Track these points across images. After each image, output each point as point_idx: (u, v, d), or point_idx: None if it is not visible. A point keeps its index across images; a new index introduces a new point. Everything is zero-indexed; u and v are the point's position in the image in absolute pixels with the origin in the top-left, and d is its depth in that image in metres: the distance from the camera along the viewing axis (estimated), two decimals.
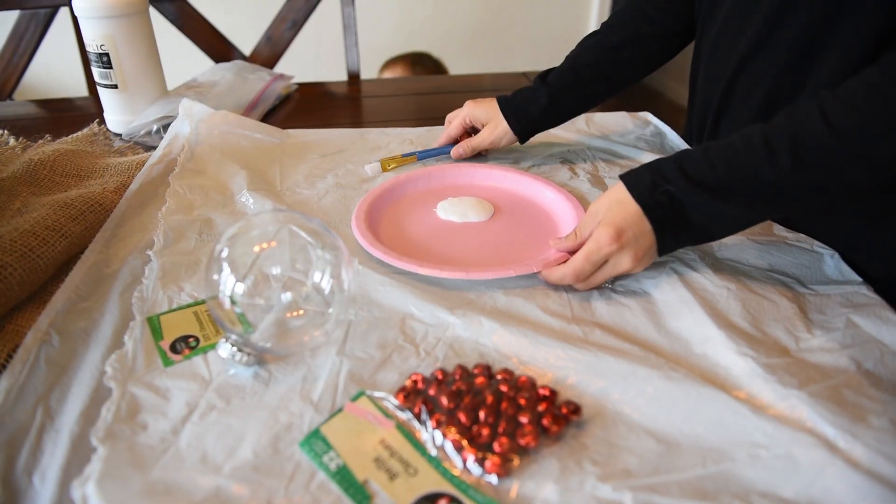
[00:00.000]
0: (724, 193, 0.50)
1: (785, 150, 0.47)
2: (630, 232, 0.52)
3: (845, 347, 0.49)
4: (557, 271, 0.55)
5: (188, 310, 0.55)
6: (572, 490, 0.38)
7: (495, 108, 0.79)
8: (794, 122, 0.48)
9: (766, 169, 0.48)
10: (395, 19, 2.40)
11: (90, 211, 0.62)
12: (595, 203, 0.56)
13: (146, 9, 0.84)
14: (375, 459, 0.40)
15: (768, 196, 0.49)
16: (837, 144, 0.46)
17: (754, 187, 0.49)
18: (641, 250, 0.53)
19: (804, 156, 0.47)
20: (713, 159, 0.50)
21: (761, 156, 0.48)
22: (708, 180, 0.50)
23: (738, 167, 0.49)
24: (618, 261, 0.53)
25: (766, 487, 0.39)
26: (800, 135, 0.47)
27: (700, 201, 0.51)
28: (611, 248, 0.52)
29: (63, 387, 0.46)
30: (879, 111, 0.45)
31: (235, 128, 0.85)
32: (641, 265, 0.54)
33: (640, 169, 0.54)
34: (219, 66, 1.05)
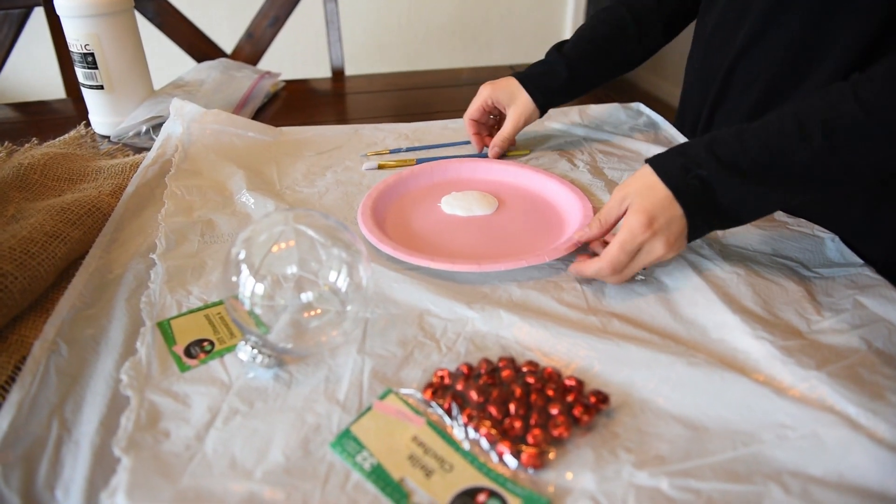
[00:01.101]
0: (757, 177, 0.49)
1: (818, 131, 0.47)
2: (662, 218, 0.51)
3: (855, 328, 0.51)
4: (592, 265, 0.54)
5: (199, 313, 0.54)
6: (609, 478, 0.38)
7: (515, 84, 0.77)
8: (827, 104, 0.48)
9: (800, 151, 0.48)
10: (373, 15, 2.38)
11: (88, 215, 0.61)
12: (621, 188, 0.55)
13: (131, 7, 0.82)
14: (410, 457, 0.40)
15: (801, 178, 0.49)
16: (871, 125, 0.46)
17: (787, 169, 0.49)
18: (673, 236, 0.52)
19: (838, 137, 0.47)
20: (746, 142, 0.50)
21: (794, 138, 0.48)
22: (740, 163, 0.50)
23: (771, 149, 0.49)
24: (651, 248, 0.52)
25: (795, 467, 0.39)
26: (833, 116, 0.47)
27: (732, 184, 0.50)
28: (644, 236, 0.51)
29: (77, 397, 0.45)
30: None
31: (228, 126, 0.83)
32: (673, 251, 0.53)
33: (669, 153, 0.53)
34: (204, 65, 1.03)
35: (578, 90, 0.80)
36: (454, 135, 0.89)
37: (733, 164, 0.50)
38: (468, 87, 1.15)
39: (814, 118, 0.48)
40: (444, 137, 0.88)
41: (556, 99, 0.79)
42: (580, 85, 0.79)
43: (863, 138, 0.47)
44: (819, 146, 0.47)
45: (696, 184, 0.51)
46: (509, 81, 0.78)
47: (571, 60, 0.77)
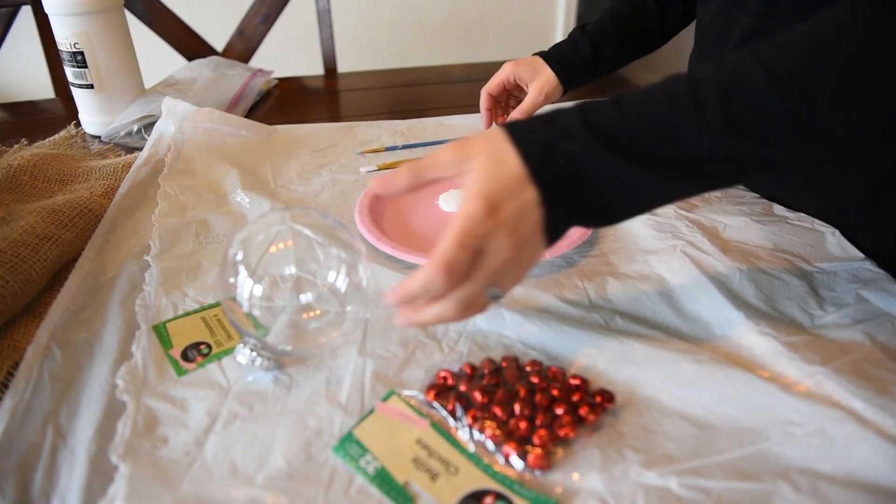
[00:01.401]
0: (636, 155, 0.39)
1: (715, 101, 0.38)
2: (510, 205, 0.38)
3: (858, 322, 0.50)
4: (416, 277, 0.39)
5: (195, 315, 0.53)
6: (618, 479, 0.38)
7: (538, 62, 0.77)
8: (727, 70, 0.39)
9: (691, 123, 0.38)
10: (364, 11, 2.37)
11: (80, 217, 0.59)
12: (461, 145, 0.41)
13: (120, 4, 0.81)
14: (414, 460, 0.39)
15: (685, 161, 0.39)
16: (776, 97, 0.38)
17: (672, 147, 0.39)
18: (524, 231, 0.39)
19: (737, 109, 0.38)
20: (627, 109, 0.39)
21: (686, 107, 0.38)
22: (619, 135, 0.39)
23: (657, 121, 0.39)
24: (498, 245, 0.39)
25: (804, 464, 0.39)
26: (734, 83, 0.38)
27: (606, 164, 0.39)
28: (485, 226, 0.38)
29: (71, 403, 0.44)
30: (823, 62, 0.38)
31: (221, 125, 0.82)
32: (524, 255, 0.40)
33: (533, 120, 0.41)
34: (196, 63, 1.01)
35: (601, 69, 0.79)
36: (450, 132, 0.88)
37: (610, 136, 0.39)
38: (461, 84, 1.14)
39: (711, 84, 0.39)
40: (439, 134, 0.87)
41: (579, 77, 0.78)
42: (603, 64, 0.78)
43: (764, 111, 0.38)
44: (714, 119, 0.38)
45: (561, 162, 0.39)
46: (534, 59, 0.78)
47: (594, 39, 0.77)
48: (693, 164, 0.40)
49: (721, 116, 0.38)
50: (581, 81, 0.79)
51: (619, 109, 0.39)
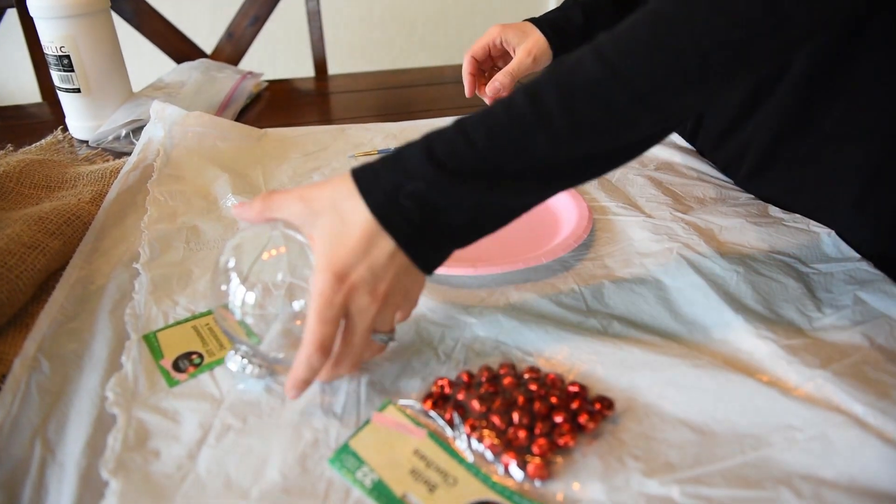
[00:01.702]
0: (490, 178, 0.38)
1: (556, 105, 0.37)
2: (360, 268, 0.39)
3: (856, 324, 0.50)
4: (297, 361, 0.40)
5: (186, 324, 0.52)
6: (619, 488, 0.37)
7: (528, 26, 0.72)
8: (564, 69, 0.38)
9: (538, 135, 0.38)
10: (354, 12, 2.36)
11: (67, 224, 0.58)
12: (306, 206, 0.41)
13: (107, 7, 0.79)
14: (412, 471, 0.38)
15: (545, 171, 0.39)
16: (618, 88, 0.37)
17: (526, 162, 0.38)
18: (384, 284, 0.39)
19: (581, 108, 0.37)
20: (469, 133, 0.38)
21: (529, 119, 0.38)
22: (465, 164, 0.38)
23: (503, 138, 0.38)
24: (358, 307, 0.39)
25: (806, 470, 0.38)
26: (572, 82, 0.37)
27: (458, 194, 0.38)
28: (341, 295, 0.39)
29: (60, 416, 0.43)
30: (663, 44, 0.37)
31: (210, 129, 0.81)
32: (392, 300, 0.41)
33: (378, 163, 0.40)
34: (185, 66, 1.00)
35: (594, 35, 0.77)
36: None
37: (457, 167, 0.38)
38: (453, 85, 1.13)
39: (548, 88, 0.38)
40: None
41: (570, 44, 0.72)
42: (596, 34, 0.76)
43: (610, 105, 0.38)
44: (560, 124, 0.38)
45: (411, 206, 0.38)
46: (523, 23, 0.73)
47: (587, 9, 0.73)
48: (555, 170, 0.40)
49: (567, 121, 0.38)
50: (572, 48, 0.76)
51: (464, 136, 0.38)
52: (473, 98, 1.05)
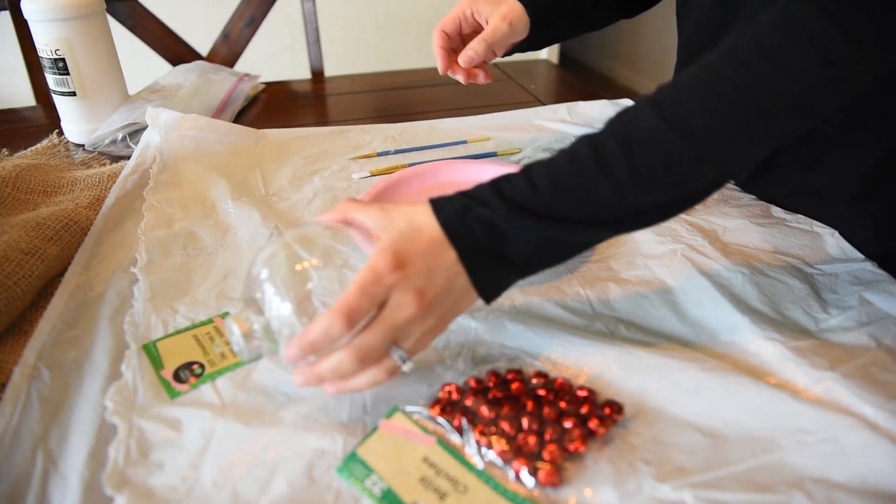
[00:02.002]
0: (553, 219, 0.40)
1: (617, 155, 0.39)
2: (419, 263, 0.39)
3: (863, 325, 0.50)
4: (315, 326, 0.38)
5: (186, 333, 0.51)
6: (631, 493, 0.37)
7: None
8: (624, 122, 0.40)
9: (600, 183, 0.39)
10: (350, 13, 2.35)
11: (65, 230, 0.58)
12: (383, 216, 0.42)
13: (103, 9, 0.79)
14: (421, 479, 0.38)
15: (608, 218, 0.41)
16: (679, 142, 0.39)
17: (588, 209, 0.40)
18: (433, 289, 0.40)
19: (641, 159, 0.39)
20: (534, 178, 0.41)
21: (591, 167, 0.40)
22: (530, 203, 0.40)
23: (565, 184, 0.40)
24: (400, 301, 0.39)
25: (818, 473, 0.38)
26: (632, 135, 0.39)
27: (524, 226, 0.40)
28: (391, 279, 0.39)
29: (62, 426, 0.42)
30: (726, 99, 0.38)
31: (208, 132, 0.80)
32: (430, 315, 0.40)
33: (454, 194, 0.43)
34: (181, 68, 0.99)
35: (571, 18, 0.69)
36: (443, 135, 0.87)
37: (524, 205, 0.40)
38: (451, 87, 1.13)
39: (610, 141, 0.40)
40: (432, 138, 0.86)
41: (547, 13, 0.66)
42: (570, 9, 0.69)
43: (670, 156, 0.39)
44: (622, 174, 0.39)
45: (477, 225, 0.40)
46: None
47: None
48: (615, 219, 0.41)
49: (629, 172, 0.39)
50: (548, 23, 0.67)
51: (528, 181, 0.41)
52: (471, 95, 1.04)
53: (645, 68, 3.23)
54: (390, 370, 0.41)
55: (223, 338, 0.50)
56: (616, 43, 3.44)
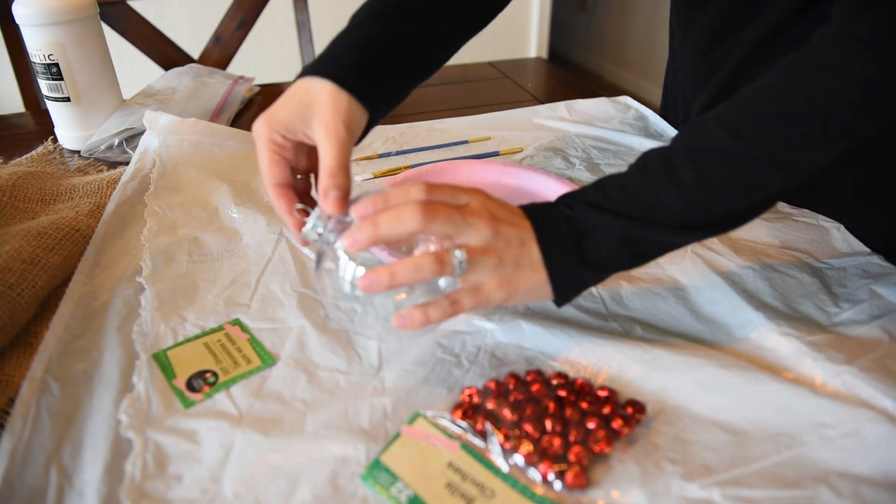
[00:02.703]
0: (630, 217, 0.42)
1: (685, 164, 0.41)
2: (501, 209, 0.42)
3: (874, 318, 0.50)
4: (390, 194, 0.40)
5: (197, 341, 0.50)
6: (660, 493, 0.37)
7: (301, 88, 0.46)
8: (690, 135, 0.43)
9: (670, 190, 0.41)
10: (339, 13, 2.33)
11: (67, 238, 0.56)
12: None
13: (96, 13, 0.77)
14: (447, 485, 0.37)
15: (683, 223, 0.42)
16: (743, 151, 0.41)
17: (659, 215, 0.42)
18: (505, 227, 0.41)
19: (709, 170, 0.41)
20: (606, 188, 0.43)
21: (660, 176, 0.42)
22: (605, 206, 0.43)
23: (637, 193, 0.42)
24: (474, 204, 0.42)
25: (841, 467, 0.38)
26: (698, 146, 0.42)
27: (602, 222, 0.42)
28: (472, 194, 0.42)
29: (74, 441, 0.41)
30: (786, 109, 0.40)
31: (206, 136, 0.79)
32: (496, 244, 0.41)
33: (537, 202, 0.45)
34: (174, 72, 0.98)
35: (408, 61, 0.51)
36: (443, 135, 0.86)
37: (598, 206, 0.42)
38: (449, 86, 1.12)
39: (678, 152, 0.42)
40: (432, 139, 0.85)
41: (377, 77, 0.47)
42: (405, 50, 0.50)
43: (736, 162, 0.41)
44: (690, 179, 0.41)
45: (561, 219, 0.43)
46: (292, 90, 0.47)
47: (384, 21, 0.49)
48: (689, 225, 0.43)
49: (697, 178, 0.41)
50: (387, 84, 0.50)
51: (601, 191, 0.43)
52: (468, 95, 1.04)
53: (632, 64, 3.24)
54: (444, 263, 0.40)
55: (235, 345, 0.50)
56: (603, 39, 3.46)
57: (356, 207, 0.41)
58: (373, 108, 0.48)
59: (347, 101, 0.45)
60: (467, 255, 0.41)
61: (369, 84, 0.47)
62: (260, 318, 0.52)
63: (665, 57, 0.82)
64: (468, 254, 0.41)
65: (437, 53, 0.56)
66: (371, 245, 0.40)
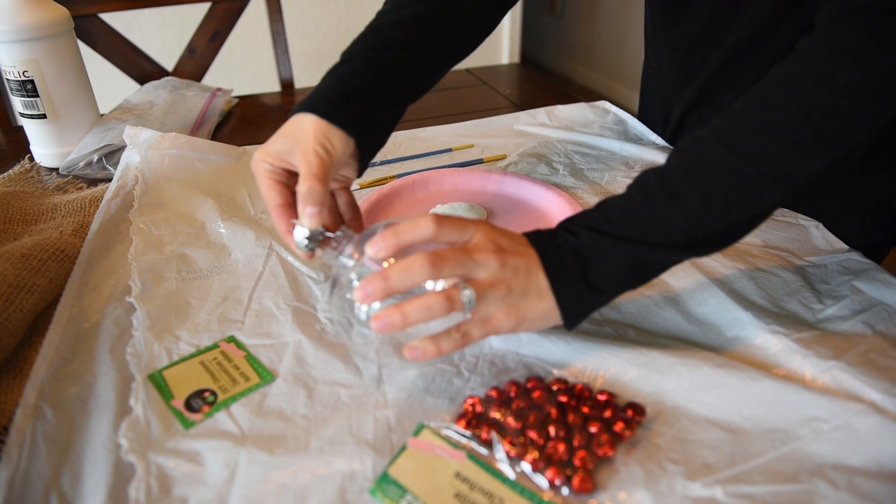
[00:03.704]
0: (633, 241, 0.43)
1: (685, 185, 0.42)
2: (506, 238, 0.44)
3: (857, 313, 0.52)
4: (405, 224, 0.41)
5: (193, 360, 0.49)
6: (664, 494, 0.38)
7: (296, 122, 0.50)
8: (687, 154, 0.44)
9: (671, 210, 0.42)
10: (311, 22, 2.33)
11: (52, 259, 0.55)
12: None
13: (71, 28, 0.76)
14: (456, 495, 0.38)
15: (684, 242, 0.43)
16: (739, 165, 0.42)
17: (665, 234, 0.43)
18: (511, 256, 0.43)
19: (707, 186, 0.42)
20: (609, 213, 0.44)
21: (660, 198, 0.43)
22: (608, 230, 0.44)
23: (639, 216, 0.43)
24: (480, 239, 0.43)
25: (835, 460, 0.40)
26: (696, 164, 0.43)
27: (605, 248, 0.43)
28: (477, 226, 0.43)
29: (73, 467, 0.40)
30: (777, 121, 0.41)
31: (188, 151, 0.78)
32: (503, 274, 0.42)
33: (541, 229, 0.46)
34: (150, 85, 0.97)
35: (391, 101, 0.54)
36: (426, 144, 0.87)
37: (600, 229, 0.44)
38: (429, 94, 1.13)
39: (677, 173, 0.43)
40: (416, 147, 0.86)
41: (369, 118, 0.51)
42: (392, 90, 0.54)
43: (734, 179, 0.42)
44: (692, 199, 0.42)
45: (565, 248, 0.44)
46: (283, 126, 0.52)
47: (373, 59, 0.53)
48: (691, 242, 0.43)
49: (697, 196, 0.42)
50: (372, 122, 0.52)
51: (603, 214, 0.44)
52: (449, 103, 1.04)
53: (602, 66, 3.29)
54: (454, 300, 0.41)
55: (232, 363, 0.49)
56: (572, 42, 3.50)
57: (370, 245, 0.43)
58: (358, 135, 0.51)
59: (327, 129, 0.49)
60: (476, 290, 0.42)
61: (350, 113, 0.50)
62: (255, 335, 0.52)
63: (634, 58, 0.84)
64: (477, 287, 0.42)
65: (422, 80, 0.59)
66: (382, 298, 0.41)
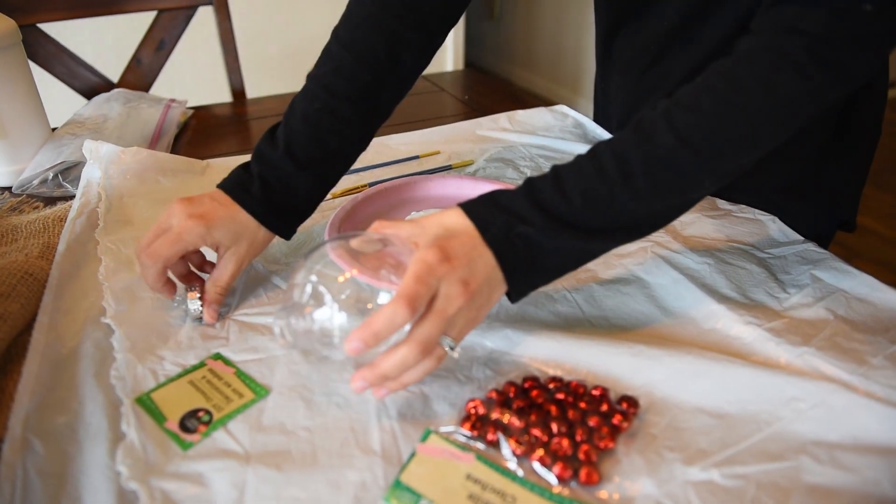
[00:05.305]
0: (585, 229, 0.45)
1: (640, 171, 0.44)
2: (463, 257, 0.43)
3: (818, 300, 0.56)
4: (381, 315, 0.39)
5: (181, 380, 0.48)
6: (666, 480, 0.40)
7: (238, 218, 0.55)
8: (644, 138, 0.45)
9: (624, 195, 0.44)
10: (256, 28, 2.28)
11: (21, 283, 0.53)
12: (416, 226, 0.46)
13: (19, 40, 0.72)
14: (470, 497, 0.38)
15: (626, 225, 0.46)
16: (689, 157, 0.44)
17: (612, 218, 0.45)
18: (476, 281, 0.43)
19: (659, 174, 0.44)
20: (567, 192, 0.45)
21: (617, 182, 0.44)
22: (566, 217, 0.44)
23: (595, 198, 0.44)
24: (450, 291, 0.41)
25: (815, 436, 0.43)
26: (652, 152, 0.44)
27: (560, 240, 0.44)
28: (442, 268, 0.41)
29: (72, 499, 0.39)
30: (727, 119, 0.44)
31: (150, 165, 0.76)
32: (473, 304, 0.43)
33: (485, 203, 0.46)
34: (101, 98, 0.93)
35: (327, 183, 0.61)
36: (392, 152, 0.87)
37: (560, 217, 0.44)
38: None
39: (633, 156, 0.44)
40: (384, 155, 0.86)
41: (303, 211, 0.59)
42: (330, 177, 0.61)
43: (682, 171, 0.45)
44: (643, 186, 0.44)
45: (519, 244, 0.44)
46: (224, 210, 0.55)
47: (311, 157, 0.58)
48: (634, 224, 0.47)
49: (648, 183, 0.44)
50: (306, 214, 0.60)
51: (561, 193, 0.45)
52: (412, 110, 1.04)
53: (541, 68, 3.36)
54: (440, 357, 0.43)
55: (222, 380, 0.48)
56: (512, 46, 3.56)
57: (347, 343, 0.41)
58: (276, 228, 0.57)
59: (267, 239, 0.57)
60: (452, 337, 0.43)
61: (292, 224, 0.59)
62: (241, 350, 0.51)
63: (573, 59, 0.87)
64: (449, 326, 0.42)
65: (350, 150, 0.64)
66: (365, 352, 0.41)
